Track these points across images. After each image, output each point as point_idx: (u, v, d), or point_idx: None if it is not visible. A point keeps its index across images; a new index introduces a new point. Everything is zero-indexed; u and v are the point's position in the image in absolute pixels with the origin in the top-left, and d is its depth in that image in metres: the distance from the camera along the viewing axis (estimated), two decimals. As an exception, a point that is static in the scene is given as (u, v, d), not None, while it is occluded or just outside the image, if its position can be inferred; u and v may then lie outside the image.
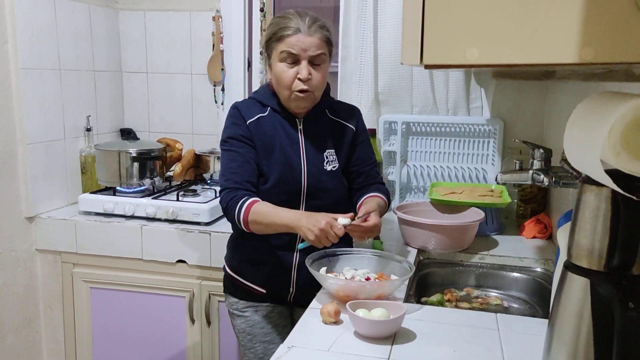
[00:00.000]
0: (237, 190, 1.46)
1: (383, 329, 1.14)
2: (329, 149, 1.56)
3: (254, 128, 1.51)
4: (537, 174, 1.49)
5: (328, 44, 1.48)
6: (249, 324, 1.60)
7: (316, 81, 1.46)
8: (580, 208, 0.86)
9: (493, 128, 2.18)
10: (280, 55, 1.45)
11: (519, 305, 1.57)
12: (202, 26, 2.48)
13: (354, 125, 1.61)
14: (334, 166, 1.56)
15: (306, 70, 1.44)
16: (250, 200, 1.44)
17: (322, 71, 1.48)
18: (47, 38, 2.13)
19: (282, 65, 1.46)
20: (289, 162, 1.51)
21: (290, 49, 1.43)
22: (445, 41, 0.73)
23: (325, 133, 1.57)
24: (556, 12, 0.69)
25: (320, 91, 1.51)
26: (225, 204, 1.47)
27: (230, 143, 1.51)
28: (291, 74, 1.45)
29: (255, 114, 1.53)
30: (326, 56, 1.48)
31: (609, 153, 0.71)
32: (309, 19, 1.45)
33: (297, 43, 1.43)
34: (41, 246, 2.16)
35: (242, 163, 1.49)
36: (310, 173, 1.52)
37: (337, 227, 1.33)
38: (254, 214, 1.42)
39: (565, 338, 0.87)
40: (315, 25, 1.44)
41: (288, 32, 1.43)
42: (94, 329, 2.16)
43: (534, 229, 1.89)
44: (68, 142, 2.28)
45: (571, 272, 0.87)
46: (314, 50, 1.44)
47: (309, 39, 1.43)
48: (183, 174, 2.31)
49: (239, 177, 1.47)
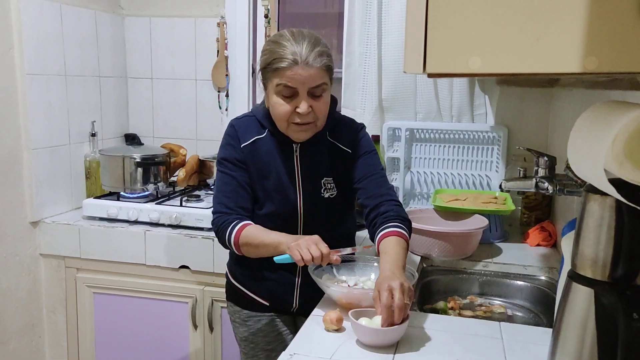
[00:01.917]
0: (229, 215, 1.43)
1: (385, 337, 1.13)
2: (327, 176, 1.48)
3: (248, 152, 1.45)
4: (541, 182, 1.49)
5: (329, 71, 1.36)
6: (251, 333, 1.58)
7: (318, 112, 1.36)
8: (585, 217, 0.85)
9: (497, 135, 2.18)
10: (277, 89, 1.34)
11: (523, 314, 1.56)
12: (206, 32, 2.49)
13: (350, 148, 1.49)
14: (332, 194, 1.49)
15: (305, 104, 1.33)
16: (241, 223, 1.41)
17: (323, 101, 1.37)
18: (53, 44, 2.14)
19: (278, 98, 1.35)
20: (284, 190, 1.46)
21: (287, 83, 1.31)
22: (448, 50, 0.73)
23: (322, 159, 1.48)
24: (559, 21, 0.69)
25: (322, 120, 1.41)
26: (216, 227, 1.45)
27: (225, 165, 1.47)
28: (288, 108, 1.34)
29: (252, 135, 1.46)
30: (327, 85, 1.37)
31: (613, 163, 0.71)
32: (307, 46, 1.30)
33: (295, 76, 1.30)
34: (45, 251, 2.16)
35: (235, 187, 1.45)
36: (306, 201, 1.47)
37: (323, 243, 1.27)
38: (244, 237, 1.39)
39: (569, 348, 0.87)
40: (314, 54, 1.30)
41: (283, 64, 1.30)
42: (97, 333, 2.16)
43: (538, 236, 1.88)
44: (73, 147, 2.29)
45: (575, 282, 0.86)
46: (314, 82, 1.32)
47: (307, 71, 1.30)
48: (187, 179, 2.31)
49: (232, 203, 1.44)
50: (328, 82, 1.37)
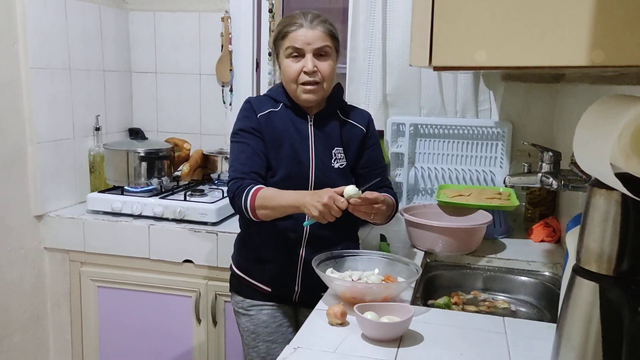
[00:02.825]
0: (243, 179, 1.48)
1: (390, 331, 1.13)
2: (338, 146, 1.57)
3: (264, 121, 1.53)
4: (545, 177, 1.48)
5: (332, 38, 1.51)
6: (253, 323, 1.60)
7: (323, 72, 1.49)
8: (590, 212, 0.85)
9: (502, 130, 2.17)
10: (286, 52, 1.49)
11: (527, 309, 1.56)
12: (211, 27, 2.49)
13: (364, 127, 1.61)
14: (342, 164, 1.56)
15: (311, 62, 1.47)
16: (255, 187, 1.45)
17: (328, 63, 1.50)
18: (57, 38, 2.14)
19: (288, 60, 1.50)
20: (298, 157, 1.52)
21: (294, 44, 1.47)
22: (454, 43, 0.73)
23: (335, 131, 1.57)
24: (566, 14, 0.69)
25: (329, 84, 1.52)
26: (232, 193, 1.48)
27: (241, 135, 1.53)
28: (297, 67, 1.48)
29: (267, 108, 1.56)
30: (331, 49, 1.51)
31: (619, 157, 0.71)
32: (312, 15, 1.49)
33: (300, 37, 1.47)
34: (49, 244, 2.17)
35: (251, 155, 1.51)
36: (318, 169, 1.53)
37: (340, 200, 1.33)
38: (260, 199, 1.43)
39: (574, 343, 0.87)
40: (317, 20, 1.49)
41: (292, 28, 1.48)
42: (101, 327, 2.17)
43: (542, 232, 1.87)
44: (77, 142, 2.29)
45: (580, 276, 0.86)
46: (318, 43, 1.47)
47: (311, 32, 1.47)
48: (191, 173, 2.31)
49: (247, 168, 1.49)
50: (332, 47, 1.51)
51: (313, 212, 1.34)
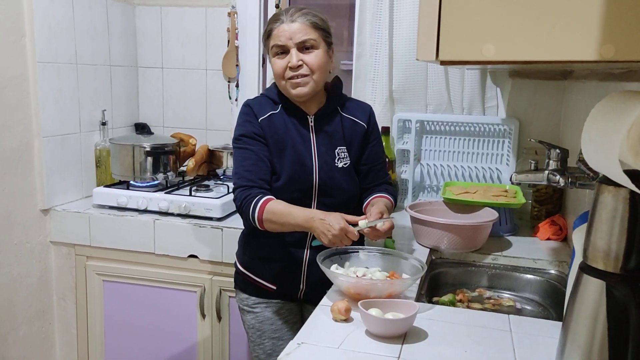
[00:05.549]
0: (251, 188, 1.46)
1: (394, 327, 1.13)
2: (340, 145, 1.55)
3: (265, 125, 1.51)
4: (552, 175, 1.47)
5: (317, 29, 1.47)
6: (258, 320, 1.60)
7: (310, 64, 1.46)
8: (597, 209, 0.84)
9: (508, 128, 2.16)
10: (272, 50, 1.49)
11: (532, 307, 1.55)
12: (217, 22, 2.49)
13: (365, 122, 1.60)
14: (345, 163, 1.55)
15: (295, 57, 1.45)
16: (264, 198, 1.44)
17: (314, 54, 1.46)
18: (64, 32, 2.15)
19: (274, 59, 1.49)
20: (301, 160, 1.51)
21: (277, 42, 1.46)
22: (462, 37, 0.72)
23: (336, 130, 1.56)
24: (575, 8, 0.68)
25: (320, 75, 1.49)
26: (239, 202, 1.47)
27: (243, 141, 1.51)
28: (282, 64, 1.46)
29: (267, 111, 1.53)
30: (317, 41, 1.47)
31: (628, 153, 0.70)
32: (293, 9, 1.47)
33: (282, 33, 1.45)
34: (55, 238, 2.18)
35: (255, 161, 1.49)
36: (322, 170, 1.52)
37: (352, 232, 1.36)
38: (268, 212, 1.42)
39: (580, 341, 0.86)
40: (298, 13, 1.46)
41: (275, 25, 1.47)
42: (106, 321, 2.18)
43: (549, 230, 1.86)
44: (83, 136, 2.30)
45: (586, 273, 0.85)
46: (300, 37, 1.45)
47: (291, 26, 1.45)
48: (196, 169, 2.31)
49: (253, 175, 1.47)
50: (317, 39, 1.47)
51: (323, 239, 1.37)
